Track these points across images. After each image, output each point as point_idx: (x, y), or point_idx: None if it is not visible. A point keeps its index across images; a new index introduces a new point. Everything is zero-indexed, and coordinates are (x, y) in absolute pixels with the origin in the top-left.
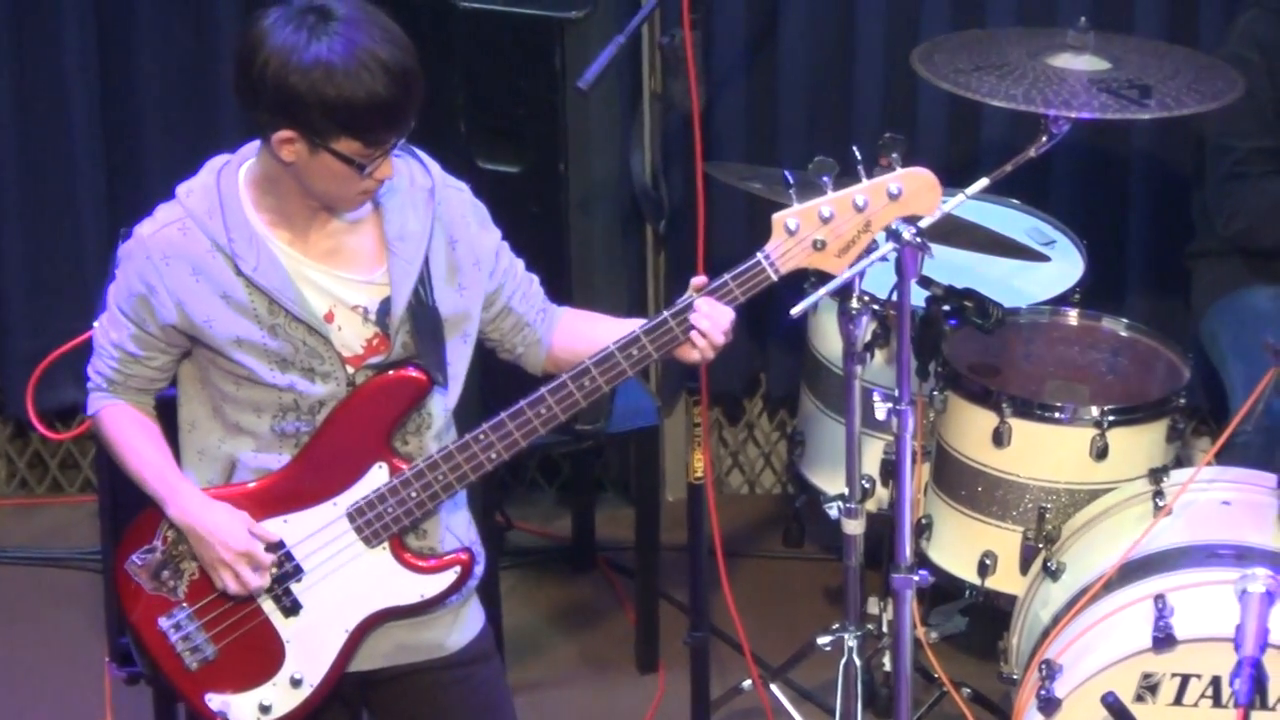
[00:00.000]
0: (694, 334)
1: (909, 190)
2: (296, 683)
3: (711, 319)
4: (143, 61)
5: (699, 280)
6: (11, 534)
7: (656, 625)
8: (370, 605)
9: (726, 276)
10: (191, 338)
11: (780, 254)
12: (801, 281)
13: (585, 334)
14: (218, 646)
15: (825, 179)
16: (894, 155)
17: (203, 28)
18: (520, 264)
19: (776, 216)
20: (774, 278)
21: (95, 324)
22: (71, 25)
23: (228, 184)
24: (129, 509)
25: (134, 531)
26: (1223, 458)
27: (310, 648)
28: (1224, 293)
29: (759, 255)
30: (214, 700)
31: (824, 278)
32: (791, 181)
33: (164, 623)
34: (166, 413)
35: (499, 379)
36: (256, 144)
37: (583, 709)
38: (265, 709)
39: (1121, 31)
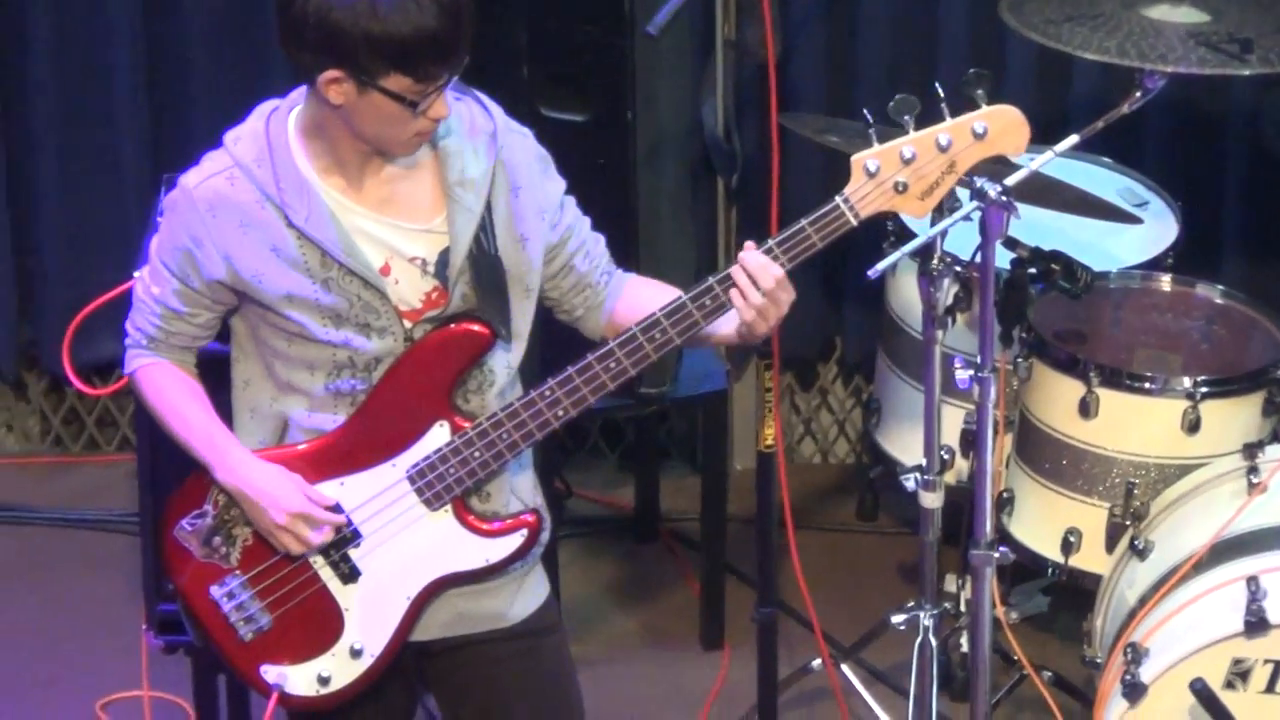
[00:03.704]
0: (732, 292)
1: (995, 129)
2: (356, 653)
3: (752, 269)
4: (186, 5)
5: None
6: (46, 494)
7: (722, 600)
8: (433, 571)
9: (804, 221)
10: (239, 293)
11: (860, 197)
12: (880, 240)
13: (651, 300)
14: (273, 616)
15: (907, 118)
16: (979, 92)
17: None
18: (587, 221)
19: (856, 157)
20: (854, 222)
21: (135, 276)
22: None
23: (277, 131)
24: (169, 469)
25: (182, 496)
26: None
27: (370, 616)
28: None
29: (837, 199)
30: (270, 672)
31: (903, 237)
32: (871, 121)
33: (216, 591)
34: (215, 370)
35: (559, 342)
36: (305, 89)
37: (644, 687)
38: (324, 680)
39: None
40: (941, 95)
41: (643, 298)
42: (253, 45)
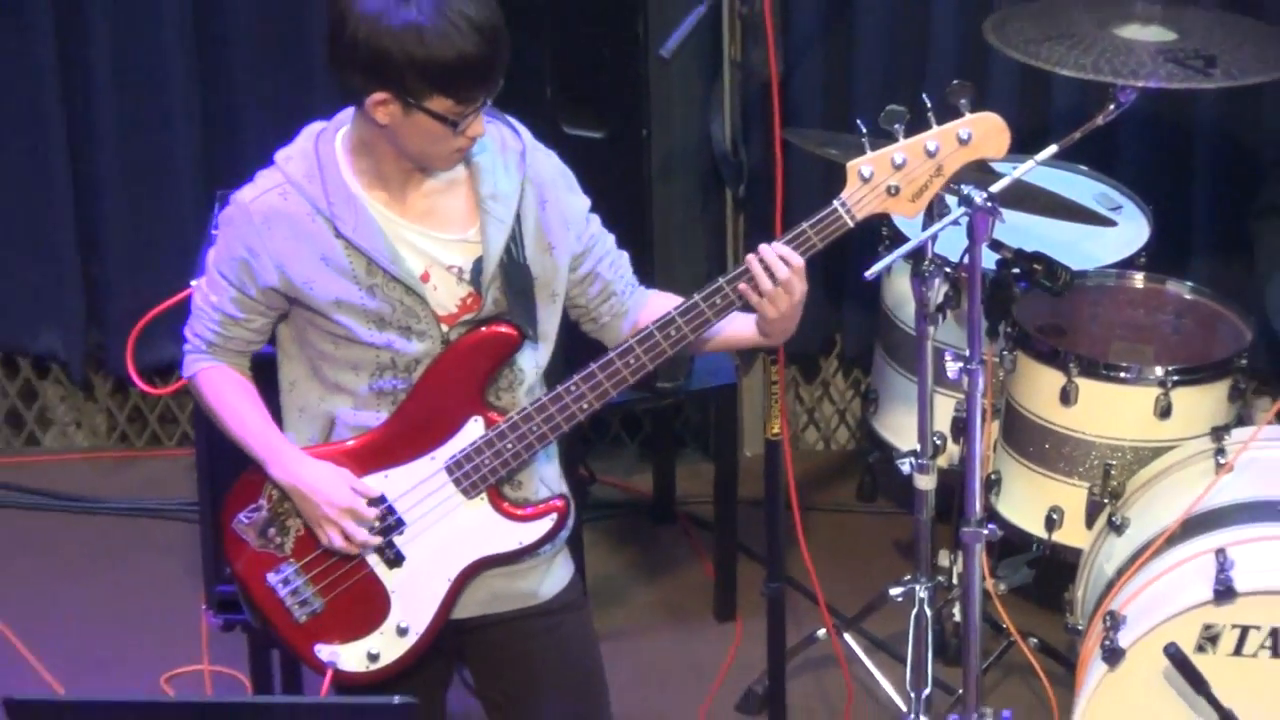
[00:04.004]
0: (741, 285)
1: (979, 134)
2: (403, 631)
3: (770, 259)
4: (237, 31)
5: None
6: (113, 486)
7: (734, 576)
8: (471, 554)
9: (805, 225)
10: (291, 299)
11: (856, 200)
12: (876, 244)
13: (668, 309)
14: (325, 599)
15: (897, 126)
16: (963, 101)
17: None
18: (611, 237)
19: (851, 164)
20: (850, 224)
21: (193, 285)
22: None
23: (325, 149)
24: (225, 463)
25: (238, 491)
26: None
27: (415, 597)
28: None
29: (835, 203)
30: (323, 651)
31: (897, 241)
32: (865, 130)
33: (272, 578)
34: (266, 372)
35: (581, 345)
36: (351, 110)
37: (663, 656)
38: (373, 657)
39: (1187, 3)
40: (929, 105)
41: (665, 308)
42: (297, 71)
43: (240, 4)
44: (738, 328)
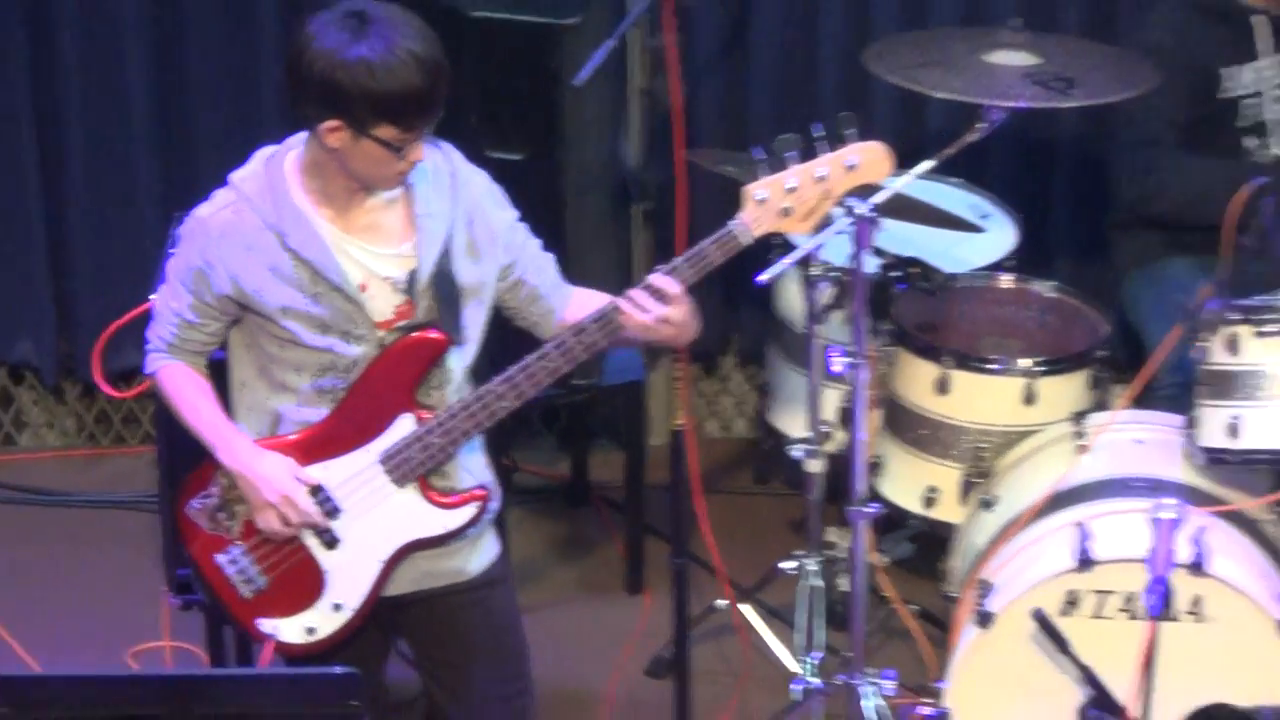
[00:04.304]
0: (625, 307)
1: (864, 161)
2: (337, 608)
3: (636, 299)
4: (194, 65)
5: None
6: (82, 481)
7: (643, 553)
8: (401, 538)
9: (705, 242)
10: (243, 306)
11: (751, 221)
12: (768, 252)
13: (593, 307)
14: (268, 578)
15: (790, 154)
16: (850, 131)
17: (247, 33)
18: (537, 243)
19: (747, 188)
20: (746, 242)
21: (154, 295)
22: (131, 37)
23: (275, 170)
24: (183, 458)
25: (192, 480)
26: (1142, 404)
27: (349, 577)
28: (1145, 262)
29: (732, 224)
30: (265, 624)
31: (788, 247)
32: (760, 158)
33: (221, 558)
34: (218, 373)
35: (509, 344)
36: (301, 135)
37: (579, 626)
38: (310, 630)
39: (1049, 30)
40: (820, 134)
41: (587, 305)
42: (249, 103)
43: (199, 44)
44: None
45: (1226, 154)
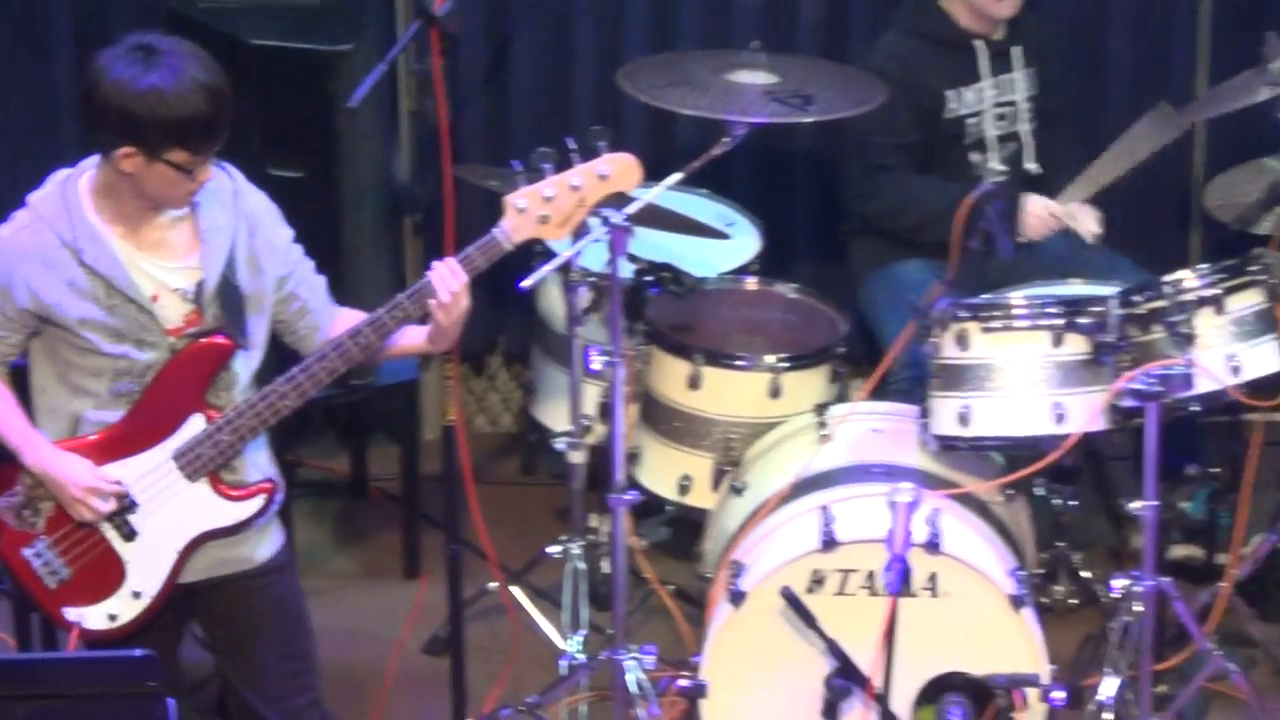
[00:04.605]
0: (431, 275)
1: (615, 171)
2: (137, 595)
3: (442, 274)
4: None
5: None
6: None
7: (419, 541)
8: (194, 528)
9: (470, 248)
10: (43, 319)
11: (512, 228)
12: (531, 259)
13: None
14: (72, 569)
15: (546, 166)
16: (601, 143)
17: (42, 62)
18: (310, 263)
19: (507, 198)
20: (508, 247)
21: None
22: None
23: (71, 191)
24: None
25: None
26: (880, 396)
27: (147, 566)
28: (879, 265)
29: (494, 231)
30: (70, 612)
31: (550, 255)
32: (520, 169)
33: (26, 552)
34: (20, 379)
35: (288, 351)
36: (94, 158)
37: (361, 609)
38: (112, 617)
39: (787, 51)
40: (574, 147)
41: (350, 322)
42: (47, 130)
43: None
44: (411, 339)
45: (955, 170)
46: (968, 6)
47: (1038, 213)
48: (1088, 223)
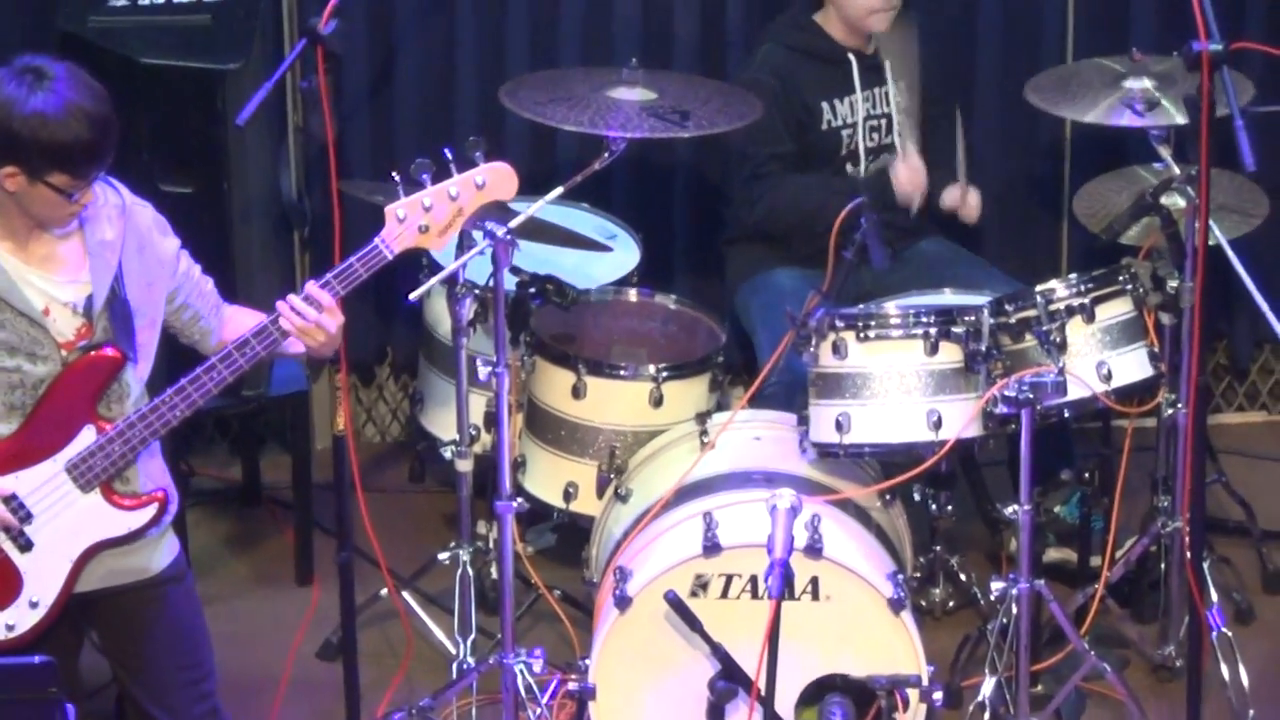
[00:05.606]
0: (281, 321)
1: (492, 180)
2: (34, 605)
3: (287, 311)
4: None
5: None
6: None
7: (311, 548)
8: (88, 538)
9: (351, 259)
10: None
11: (393, 238)
12: (418, 272)
13: (246, 324)
14: None
15: (425, 176)
16: (477, 154)
17: None
18: (198, 268)
19: (388, 208)
20: (389, 256)
21: None
22: None
23: None
24: None
25: None
26: (755, 403)
27: (43, 576)
28: (753, 274)
29: (376, 240)
30: None
31: (435, 268)
32: (399, 181)
33: None
34: None
35: (182, 359)
36: None
37: (255, 615)
38: (10, 628)
39: (665, 68)
40: (450, 158)
41: (242, 321)
42: None
43: None
44: (299, 345)
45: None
46: (842, 21)
47: (904, 174)
48: (973, 206)
